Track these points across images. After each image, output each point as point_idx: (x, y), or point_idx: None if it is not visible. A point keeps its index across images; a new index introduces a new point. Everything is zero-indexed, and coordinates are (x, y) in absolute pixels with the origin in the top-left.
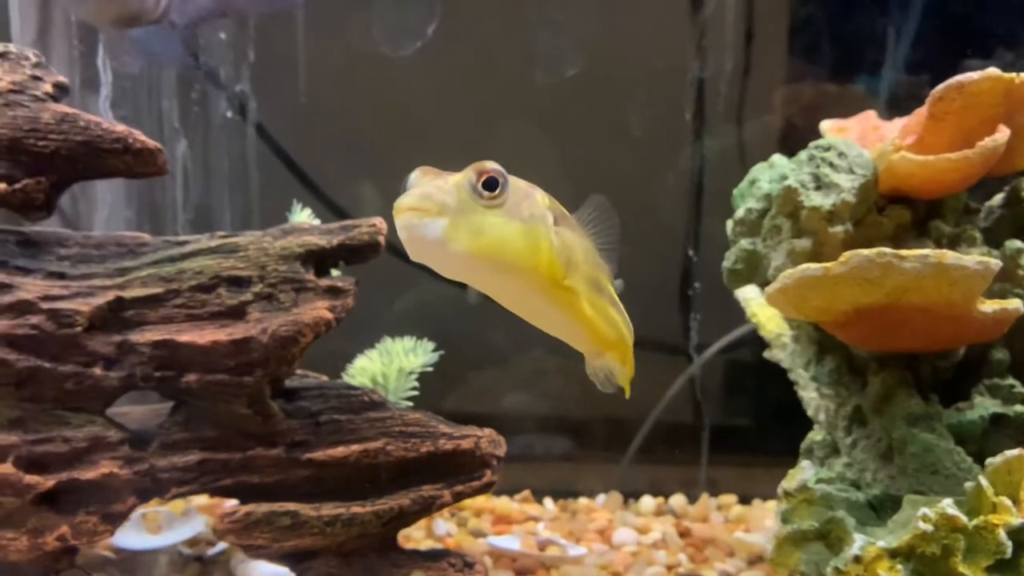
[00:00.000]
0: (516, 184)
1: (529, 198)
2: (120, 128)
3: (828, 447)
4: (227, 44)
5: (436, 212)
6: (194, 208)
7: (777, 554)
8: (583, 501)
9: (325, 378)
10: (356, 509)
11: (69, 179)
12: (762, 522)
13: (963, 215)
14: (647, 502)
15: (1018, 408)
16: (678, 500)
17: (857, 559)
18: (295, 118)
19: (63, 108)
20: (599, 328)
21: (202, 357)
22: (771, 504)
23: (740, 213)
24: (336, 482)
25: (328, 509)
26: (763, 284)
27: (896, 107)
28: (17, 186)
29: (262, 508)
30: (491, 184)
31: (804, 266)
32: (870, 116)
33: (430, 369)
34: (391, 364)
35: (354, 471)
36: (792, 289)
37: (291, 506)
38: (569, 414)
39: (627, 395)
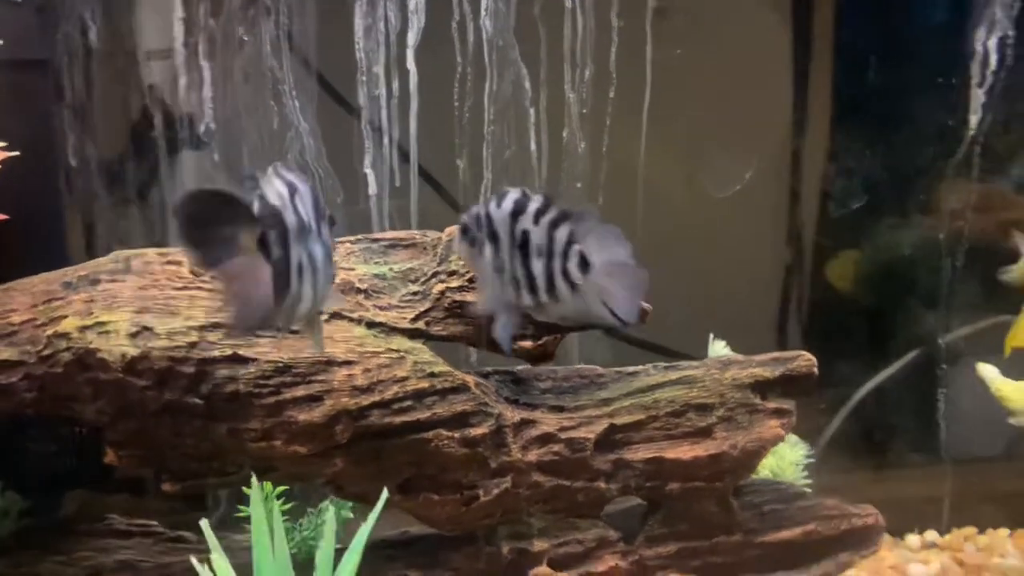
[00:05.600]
0: None
1: None
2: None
3: None
4: None
5: None
6: None
7: None
8: None
9: None
10: None
11: (573, 331)
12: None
13: None
14: (912, 539)
15: None
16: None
17: None
18: None
19: None
20: None
21: (684, 469)
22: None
23: None
24: (781, 556)
25: None
26: None
27: None
28: (539, 342)
29: None
30: None
31: None
32: None
33: (812, 460)
34: (783, 459)
35: (796, 547)
36: None
37: None
38: None
39: None
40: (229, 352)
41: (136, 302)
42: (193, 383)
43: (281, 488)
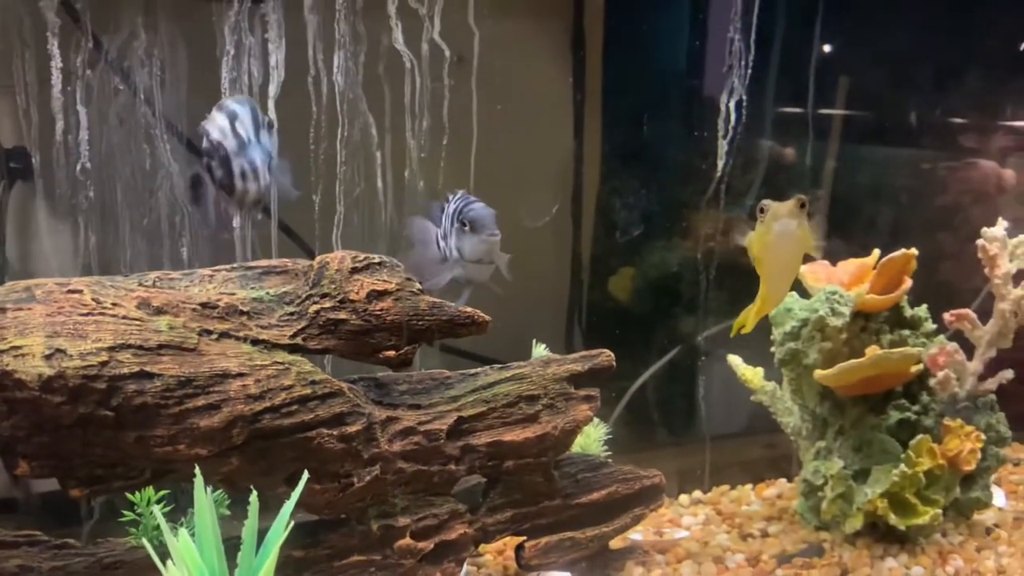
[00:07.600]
0: None
1: None
2: (469, 309)
3: (825, 450)
4: None
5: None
6: None
7: (829, 506)
8: None
9: None
10: (604, 529)
11: (428, 342)
12: (751, 499)
13: (895, 322)
14: (683, 498)
15: (910, 416)
16: (696, 493)
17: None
18: None
19: (432, 299)
20: None
21: (517, 449)
22: (747, 487)
23: (787, 328)
24: (591, 514)
25: (590, 531)
26: (799, 369)
27: None
28: (400, 352)
29: (555, 538)
30: None
31: (851, 361)
32: (825, 263)
33: (609, 436)
34: (589, 437)
35: (602, 506)
36: (845, 371)
37: (569, 534)
38: None
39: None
40: (137, 369)
41: (47, 327)
42: (105, 397)
43: (163, 492)
